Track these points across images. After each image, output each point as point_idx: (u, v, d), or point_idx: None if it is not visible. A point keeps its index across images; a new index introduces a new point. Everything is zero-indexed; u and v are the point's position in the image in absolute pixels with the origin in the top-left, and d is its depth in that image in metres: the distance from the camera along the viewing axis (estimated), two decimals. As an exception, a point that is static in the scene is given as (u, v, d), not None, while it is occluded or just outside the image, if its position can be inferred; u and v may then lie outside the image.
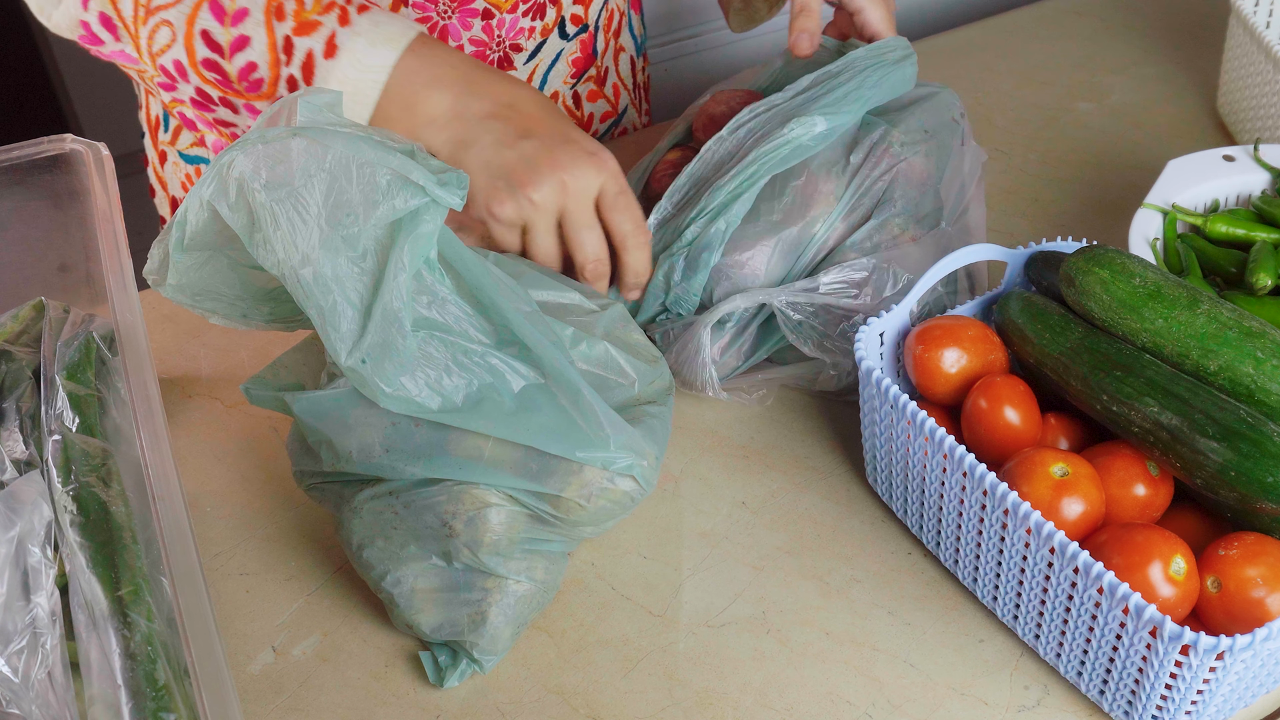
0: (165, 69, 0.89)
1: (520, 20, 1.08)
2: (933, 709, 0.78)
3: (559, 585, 0.83)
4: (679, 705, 0.78)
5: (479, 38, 1.06)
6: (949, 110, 0.98)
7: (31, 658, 0.63)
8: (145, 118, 1.21)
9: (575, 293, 0.86)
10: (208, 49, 0.87)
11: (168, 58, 0.88)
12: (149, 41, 0.88)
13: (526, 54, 1.10)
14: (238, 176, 0.71)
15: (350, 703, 0.79)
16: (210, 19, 0.86)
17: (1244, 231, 0.97)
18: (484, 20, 1.06)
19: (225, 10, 0.86)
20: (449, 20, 1.04)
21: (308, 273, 0.71)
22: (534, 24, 1.09)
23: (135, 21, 0.87)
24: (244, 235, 0.72)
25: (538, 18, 1.09)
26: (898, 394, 0.81)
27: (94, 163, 0.85)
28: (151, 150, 1.21)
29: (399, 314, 0.73)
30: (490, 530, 0.77)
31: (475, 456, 0.77)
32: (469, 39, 1.06)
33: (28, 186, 0.86)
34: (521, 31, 1.09)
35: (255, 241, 0.72)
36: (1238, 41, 1.17)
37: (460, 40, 1.05)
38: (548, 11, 1.10)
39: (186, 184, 1.18)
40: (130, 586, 0.66)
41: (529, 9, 1.08)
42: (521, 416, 0.77)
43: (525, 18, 1.08)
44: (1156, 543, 0.72)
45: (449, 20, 1.04)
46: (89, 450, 0.73)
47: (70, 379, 0.77)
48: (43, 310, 0.84)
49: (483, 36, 1.06)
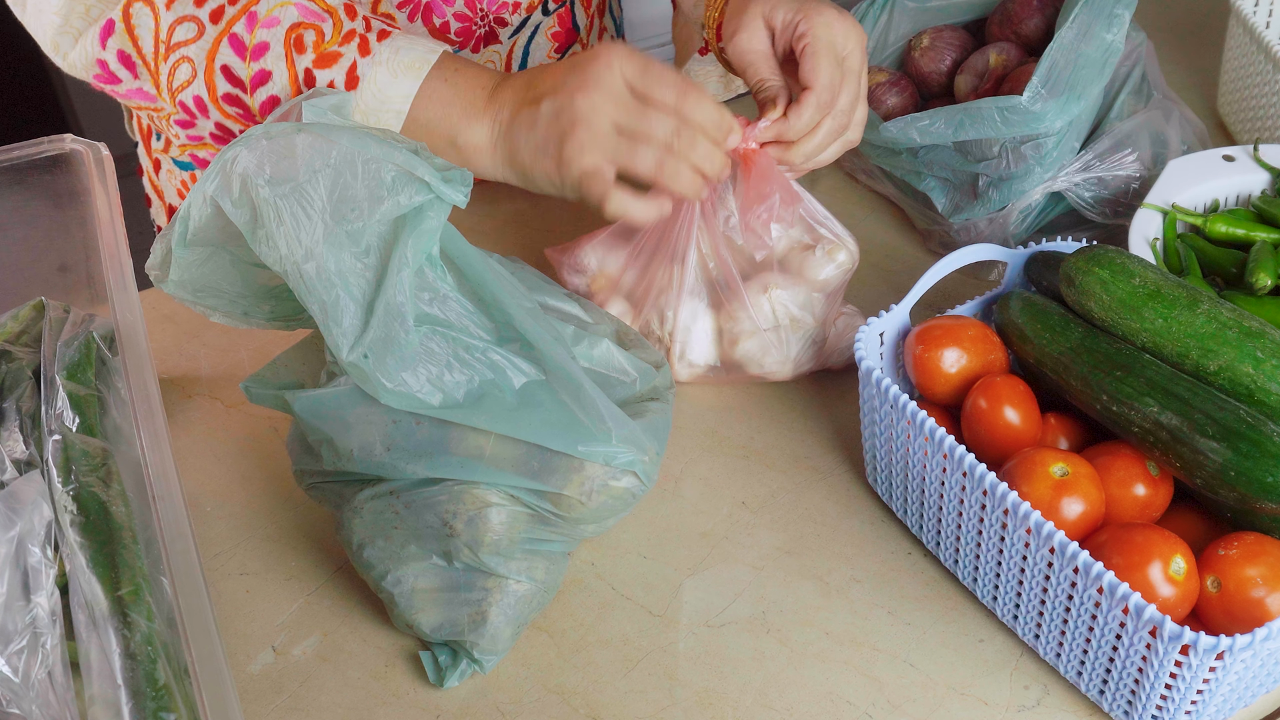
0: (185, 105, 0.89)
1: None
2: (933, 709, 0.78)
3: (559, 585, 0.83)
4: (679, 705, 0.78)
5: (462, 12, 1.06)
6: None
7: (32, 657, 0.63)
8: (136, 126, 1.21)
9: (574, 304, 0.86)
10: (229, 84, 0.87)
11: (188, 94, 0.88)
12: (169, 78, 0.88)
13: (511, 28, 1.10)
14: (241, 172, 0.71)
15: (350, 703, 0.79)
16: (231, 54, 0.86)
17: (1244, 231, 0.97)
18: None
19: (245, 45, 0.86)
20: None
21: (310, 267, 0.71)
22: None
23: (155, 58, 0.87)
24: (247, 231, 0.72)
25: None
26: (898, 394, 0.81)
27: (94, 163, 0.85)
28: (146, 159, 1.21)
29: (402, 309, 0.73)
30: (491, 530, 0.77)
31: (476, 455, 0.77)
32: (453, 14, 1.06)
33: (28, 187, 0.86)
34: (505, 6, 1.08)
35: (258, 238, 0.72)
36: (1238, 41, 1.17)
37: (445, 16, 1.05)
38: None
39: (182, 191, 1.18)
40: (130, 586, 0.66)
41: None
42: (523, 412, 0.77)
43: None
44: (1156, 543, 0.72)
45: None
46: (89, 450, 0.73)
47: (70, 379, 0.77)
48: (43, 310, 0.84)
49: (466, 11, 1.06)
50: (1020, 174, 1.00)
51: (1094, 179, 1.02)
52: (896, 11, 1.17)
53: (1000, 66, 1.09)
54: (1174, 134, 1.05)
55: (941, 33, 1.16)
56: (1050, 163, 1.00)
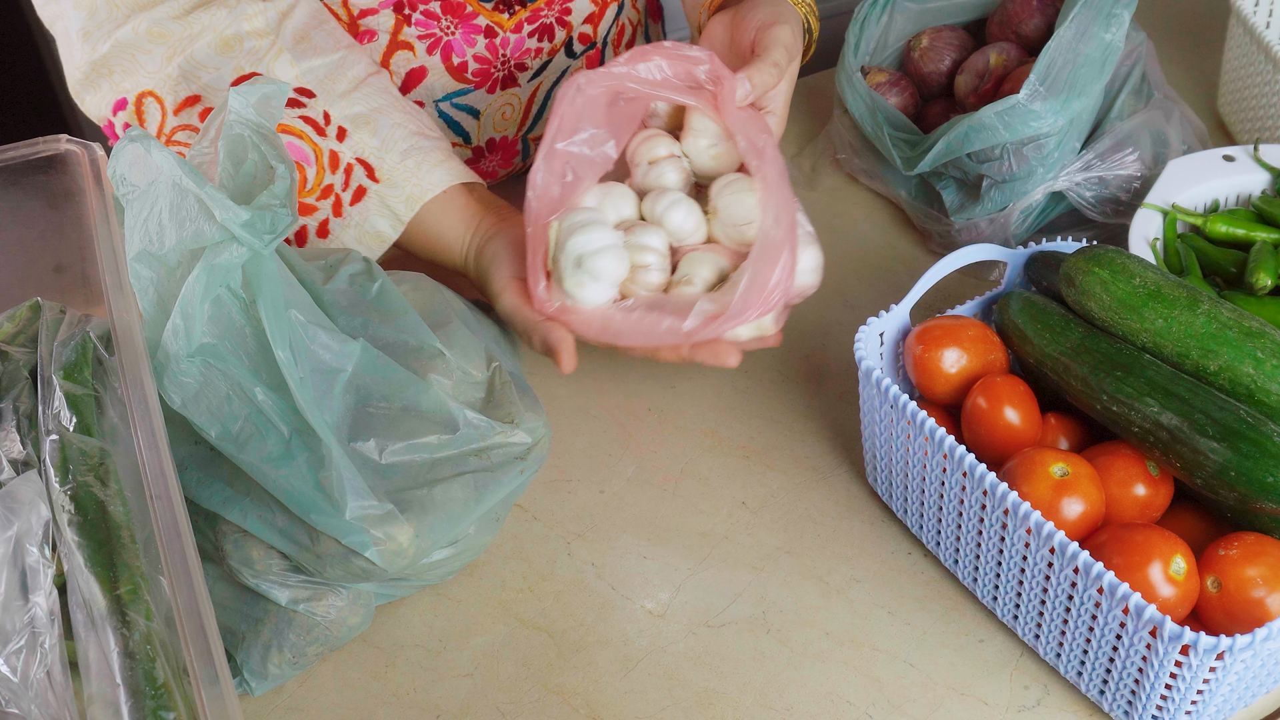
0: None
1: (526, 40, 1.07)
2: (933, 709, 0.78)
3: (365, 625, 0.81)
4: (679, 705, 0.78)
5: (483, 55, 1.06)
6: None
7: (30, 657, 0.63)
8: None
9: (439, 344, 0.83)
10: None
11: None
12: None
13: (531, 72, 1.10)
14: (119, 164, 0.74)
15: (350, 703, 0.79)
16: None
17: (1244, 231, 0.97)
18: (487, 38, 1.05)
19: None
20: (452, 36, 1.03)
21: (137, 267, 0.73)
22: (541, 44, 1.08)
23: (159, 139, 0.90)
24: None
25: (545, 39, 1.08)
26: (898, 394, 0.81)
27: (89, 163, 0.84)
28: None
29: (181, 335, 0.72)
30: (254, 559, 0.77)
31: (244, 493, 0.76)
32: (473, 55, 1.05)
33: (23, 187, 0.85)
34: (528, 52, 1.08)
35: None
36: (1238, 41, 1.17)
37: (464, 56, 1.05)
38: (556, 33, 1.09)
39: None
40: (128, 585, 0.65)
41: (535, 30, 1.07)
42: (279, 465, 0.74)
43: (531, 38, 1.07)
44: (1156, 543, 0.72)
45: (452, 36, 1.03)
46: (86, 450, 0.73)
47: (67, 379, 0.77)
48: (39, 310, 0.84)
49: (486, 54, 1.06)
50: (1022, 175, 1.00)
51: (1095, 179, 1.02)
52: (896, 12, 1.17)
53: (1000, 66, 1.09)
54: (1175, 134, 1.05)
55: (941, 33, 1.16)
56: (1052, 163, 1.00)
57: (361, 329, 0.81)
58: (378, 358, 0.79)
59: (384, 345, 0.80)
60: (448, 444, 0.79)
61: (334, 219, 0.92)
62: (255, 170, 0.75)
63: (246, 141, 0.75)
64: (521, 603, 0.85)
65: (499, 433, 0.80)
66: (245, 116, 0.75)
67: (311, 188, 0.90)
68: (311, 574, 0.77)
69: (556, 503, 0.91)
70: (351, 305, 0.82)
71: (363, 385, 0.78)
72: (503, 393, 0.83)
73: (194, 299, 0.71)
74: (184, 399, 0.73)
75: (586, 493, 0.92)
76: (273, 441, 0.75)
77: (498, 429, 0.80)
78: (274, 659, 0.77)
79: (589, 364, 1.01)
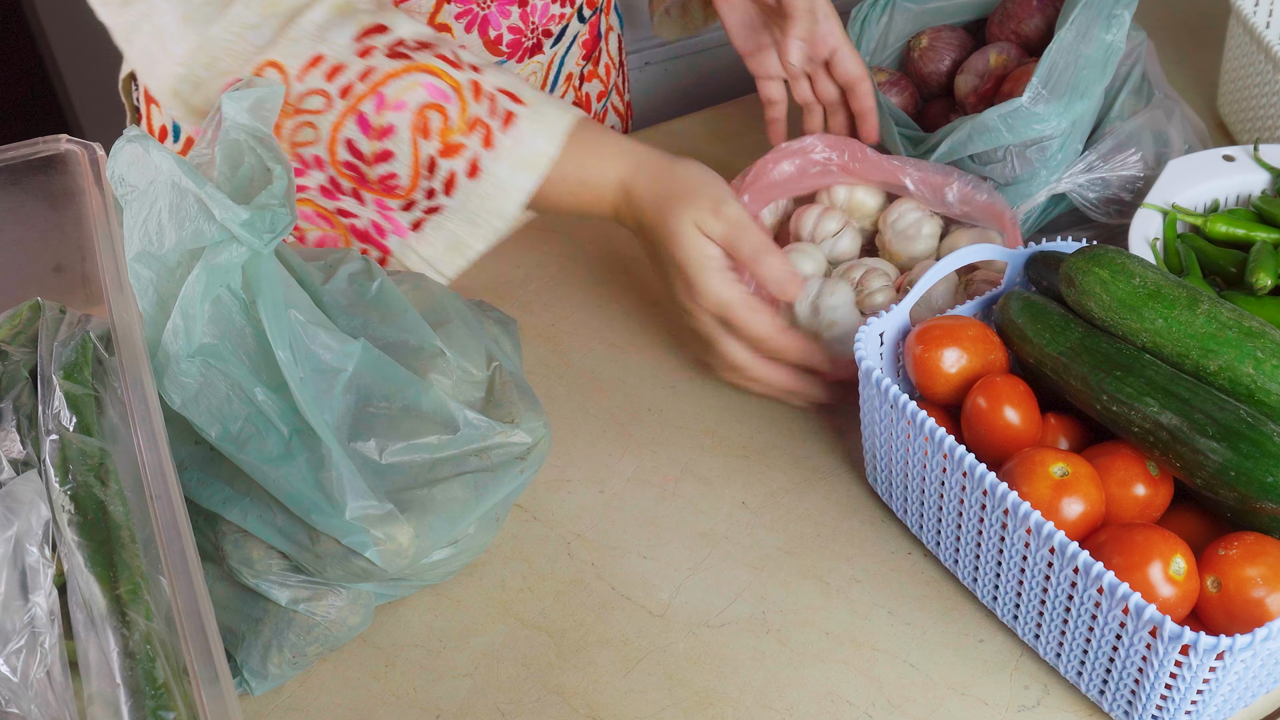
0: (302, 157, 0.90)
1: (551, 6, 1.11)
2: (933, 709, 0.78)
3: (364, 626, 0.81)
4: (679, 705, 0.78)
5: (516, 25, 1.09)
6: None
7: (30, 657, 0.63)
8: (147, 130, 1.21)
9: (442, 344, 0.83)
10: (350, 154, 0.88)
11: (308, 151, 0.89)
12: (292, 132, 0.89)
13: (554, 38, 1.13)
14: (119, 163, 0.73)
15: (350, 703, 0.79)
16: (356, 130, 0.87)
17: (1244, 231, 0.97)
18: (520, 7, 1.08)
19: (371, 125, 0.87)
20: (488, 10, 1.06)
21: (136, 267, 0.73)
22: (564, 10, 1.12)
23: (280, 114, 0.88)
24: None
25: (567, 4, 1.12)
26: (898, 394, 0.81)
27: (89, 163, 0.84)
28: None
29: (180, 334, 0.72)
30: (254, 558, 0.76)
31: (244, 493, 0.76)
32: (507, 26, 1.09)
33: (23, 187, 0.85)
34: (553, 18, 1.12)
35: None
36: (1238, 41, 1.17)
37: (500, 29, 1.08)
38: None
39: None
40: (128, 585, 0.65)
41: None
42: (279, 465, 0.74)
43: (555, 4, 1.11)
44: (1156, 543, 0.72)
45: (488, 10, 1.06)
46: (86, 450, 0.73)
47: (67, 379, 0.77)
48: (39, 311, 0.84)
49: (519, 24, 1.09)
50: (1025, 176, 1.01)
51: (1098, 179, 1.02)
52: (896, 12, 1.18)
53: (1000, 66, 1.09)
54: (1176, 133, 1.05)
55: (941, 33, 1.16)
56: (1055, 165, 1.00)
57: (361, 329, 0.81)
58: (378, 357, 0.79)
59: (384, 345, 0.80)
60: (448, 444, 0.79)
61: (484, 152, 0.88)
62: (252, 172, 0.75)
63: (243, 146, 0.75)
64: (521, 602, 0.85)
65: (499, 433, 0.80)
66: (240, 121, 0.75)
67: (456, 124, 0.88)
68: (311, 574, 0.77)
69: (556, 503, 0.91)
70: (351, 305, 0.82)
71: (363, 385, 0.78)
72: (503, 393, 0.83)
73: (194, 299, 0.71)
74: (184, 399, 0.73)
75: (586, 493, 0.92)
76: (273, 441, 0.75)
77: (498, 429, 0.80)
78: (274, 659, 0.77)
79: (589, 364, 1.01)
